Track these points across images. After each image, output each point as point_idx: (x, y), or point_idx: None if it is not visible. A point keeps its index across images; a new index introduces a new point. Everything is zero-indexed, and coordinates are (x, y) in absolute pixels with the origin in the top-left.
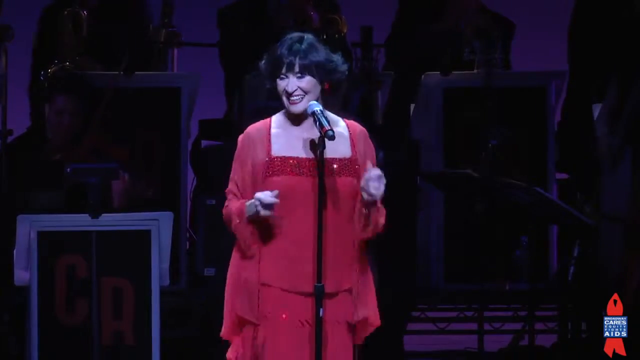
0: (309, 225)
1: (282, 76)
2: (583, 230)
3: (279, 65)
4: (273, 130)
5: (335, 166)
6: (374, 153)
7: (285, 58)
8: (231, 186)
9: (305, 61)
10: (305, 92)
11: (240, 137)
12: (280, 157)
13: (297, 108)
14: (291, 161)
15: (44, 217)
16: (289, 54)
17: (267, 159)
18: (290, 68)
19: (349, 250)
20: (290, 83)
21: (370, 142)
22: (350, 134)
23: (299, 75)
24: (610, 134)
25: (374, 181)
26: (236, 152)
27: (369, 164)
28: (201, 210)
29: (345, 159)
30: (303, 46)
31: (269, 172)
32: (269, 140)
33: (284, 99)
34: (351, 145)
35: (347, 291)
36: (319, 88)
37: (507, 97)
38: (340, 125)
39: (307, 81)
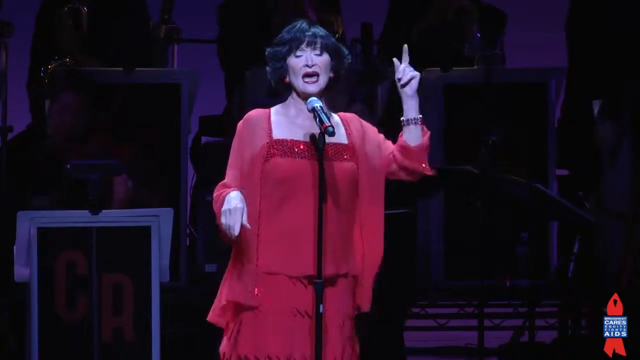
0: (308, 210)
1: (299, 53)
2: (583, 226)
3: (299, 40)
4: (273, 118)
5: (331, 151)
6: (374, 128)
7: (307, 32)
8: (227, 179)
9: (326, 40)
10: (321, 72)
11: (240, 123)
12: (281, 140)
13: (312, 88)
14: (292, 144)
15: (44, 214)
16: (310, 31)
17: (267, 141)
18: (311, 44)
19: (346, 235)
20: (309, 57)
21: (365, 122)
22: (343, 121)
23: (318, 52)
24: (610, 124)
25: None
26: (235, 138)
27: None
28: (201, 206)
29: (341, 144)
30: (320, 29)
31: (269, 154)
32: (270, 125)
33: (298, 79)
34: (346, 133)
35: (344, 276)
36: (328, 74)
37: (507, 93)
38: (334, 116)
39: (324, 60)
